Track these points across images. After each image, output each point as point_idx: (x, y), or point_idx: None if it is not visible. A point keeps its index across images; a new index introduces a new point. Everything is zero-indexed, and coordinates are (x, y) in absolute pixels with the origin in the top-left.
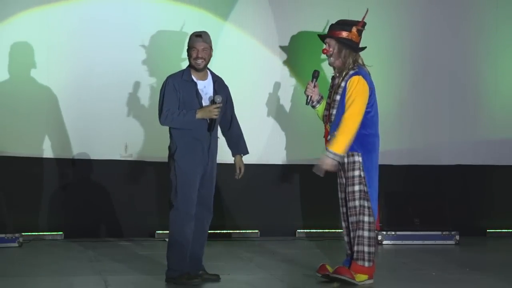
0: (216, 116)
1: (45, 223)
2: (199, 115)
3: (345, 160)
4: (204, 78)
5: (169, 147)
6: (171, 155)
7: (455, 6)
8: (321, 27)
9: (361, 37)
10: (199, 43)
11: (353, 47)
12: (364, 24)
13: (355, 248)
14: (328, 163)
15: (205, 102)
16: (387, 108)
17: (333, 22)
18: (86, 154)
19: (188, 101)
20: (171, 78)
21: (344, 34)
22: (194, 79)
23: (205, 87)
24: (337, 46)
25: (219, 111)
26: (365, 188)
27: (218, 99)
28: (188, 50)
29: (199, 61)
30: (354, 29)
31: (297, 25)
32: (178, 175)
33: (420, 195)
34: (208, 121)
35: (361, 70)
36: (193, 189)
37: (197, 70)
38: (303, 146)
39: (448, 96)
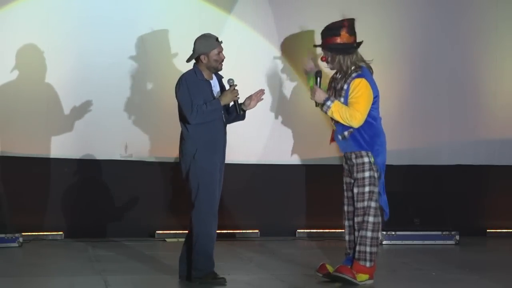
0: (239, 97)
1: (45, 223)
2: (223, 101)
3: (354, 161)
4: (211, 77)
5: (185, 149)
6: (190, 156)
7: (455, 6)
8: (323, 25)
9: (354, 34)
10: (220, 47)
11: (346, 49)
12: (350, 22)
13: (358, 248)
14: (318, 97)
15: None
16: (387, 108)
17: (333, 20)
18: (86, 154)
19: (206, 100)
20: (187, 77)
21: (335, 39)
22: (207, 78)
23: (214, 86)
24: (330, 54)
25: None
26: (374, 189)
27: (231, 81)
28: (209, 53)
29: (222, 63)
30: (343, 31)
31: (298, 23)
32: (201, 176)
33: (420, 195)
34: (233, 103)
35: (364, 72)
36: (215, 188)
37: (216, 71)
38: (304, 146)
39: (448, 96)
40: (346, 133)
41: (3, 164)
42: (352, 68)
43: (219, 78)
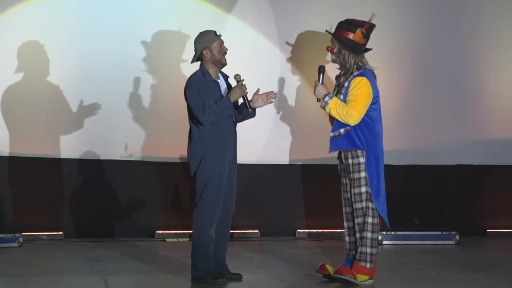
0: (248, 92)
1: (45, 223)
2: (233, 97)
3: (350, 161)
4: (218, 76)
5: (195, 149)
6: (200, 157)
7: (455, 6)
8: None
9: (367, 39)
10: (220, 40)
11: (355, 48)
12: (371, 26)
13: (359, 249)
14: (318, 93)
15: None
16: (387, 108)
17: (333, 20)
18: (86, 154)
19: (216, 100)
20: (195, 79)
21: (348, 34)
22: (214, 78)
23: (222, 85)
24: (338, 46)
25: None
26: (369, 189)
27: (238, 77)
28: (210, 46)
29: (225, 56)
30: (358, 31)
31: (299, 22)
32: (209, 176)
33: (420, 195)
34: (242, 100)
35: (366, 72)
36: (222, 190)
37: (222, 67)
38: (304, 146)
39: (448, 96)
40: (342, 130)
41: (3, 164)
42: (355, 67)
43: (225, 78)
